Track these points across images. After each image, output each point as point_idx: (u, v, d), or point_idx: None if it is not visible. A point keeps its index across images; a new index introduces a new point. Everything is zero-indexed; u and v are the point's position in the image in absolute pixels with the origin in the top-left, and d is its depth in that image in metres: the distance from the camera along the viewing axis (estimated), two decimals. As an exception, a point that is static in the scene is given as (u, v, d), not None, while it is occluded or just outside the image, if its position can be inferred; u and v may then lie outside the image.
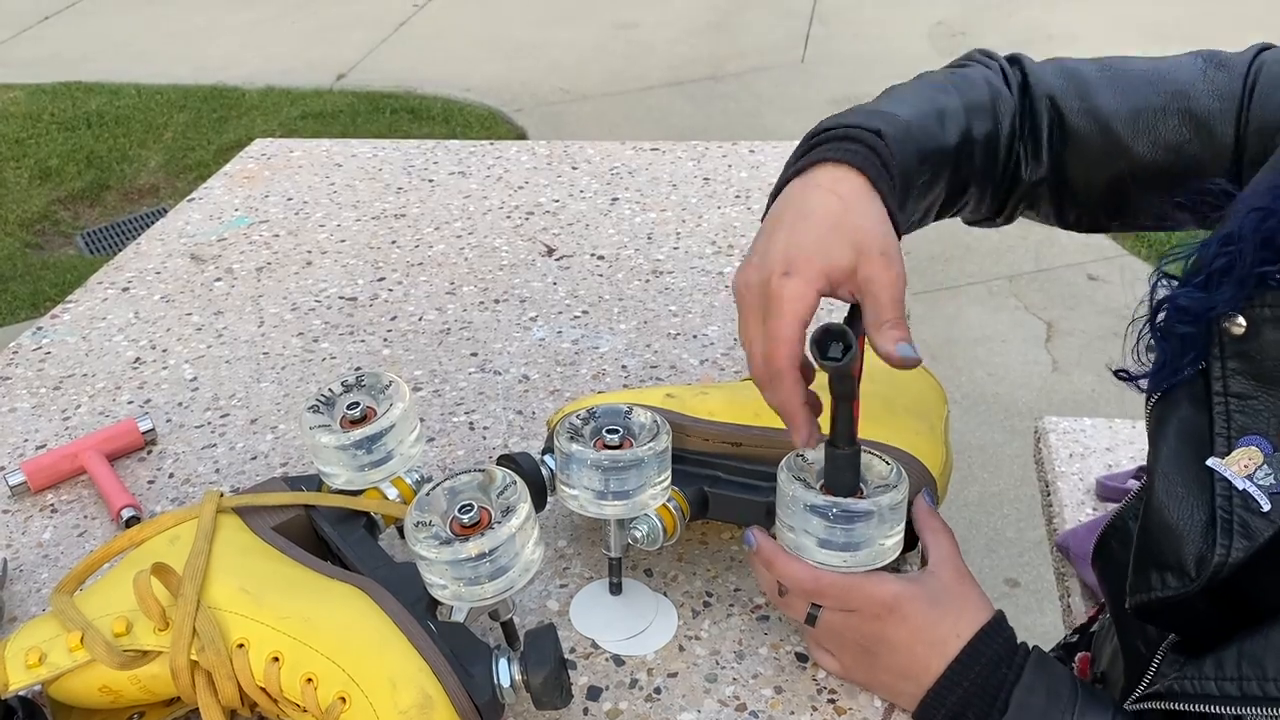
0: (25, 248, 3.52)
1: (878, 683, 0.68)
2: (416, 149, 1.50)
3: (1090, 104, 0.77)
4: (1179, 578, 0.59)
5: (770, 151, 1.42)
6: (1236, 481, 0.57)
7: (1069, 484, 1.41)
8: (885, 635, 0.66)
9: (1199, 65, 0.77)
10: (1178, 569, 0.59)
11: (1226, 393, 0.60)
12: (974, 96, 0.76)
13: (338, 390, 0.76)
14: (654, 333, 1.07)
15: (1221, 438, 0.59)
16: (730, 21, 5.06)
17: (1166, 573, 0.60)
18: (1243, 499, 0.57)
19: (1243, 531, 0.56)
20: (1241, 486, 0.57)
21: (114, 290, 1.20)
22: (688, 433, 0.77)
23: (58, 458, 0.91)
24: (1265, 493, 0.56)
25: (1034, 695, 0.62)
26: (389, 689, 0.60)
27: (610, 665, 0.72)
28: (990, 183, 0.79)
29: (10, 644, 0.65)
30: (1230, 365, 0.60)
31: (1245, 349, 0.59)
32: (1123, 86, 0.77)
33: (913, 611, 0.65)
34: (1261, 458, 0.57)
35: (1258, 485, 0.57)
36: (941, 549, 0.69)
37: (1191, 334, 0.62)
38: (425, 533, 0.64)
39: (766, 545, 0.69)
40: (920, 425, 0.78)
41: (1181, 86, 0.76)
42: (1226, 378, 0.60)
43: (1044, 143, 0.79)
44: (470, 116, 4.24)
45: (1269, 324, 0.58)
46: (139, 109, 4.40)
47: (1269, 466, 0.57)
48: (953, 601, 0.66)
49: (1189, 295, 0.62)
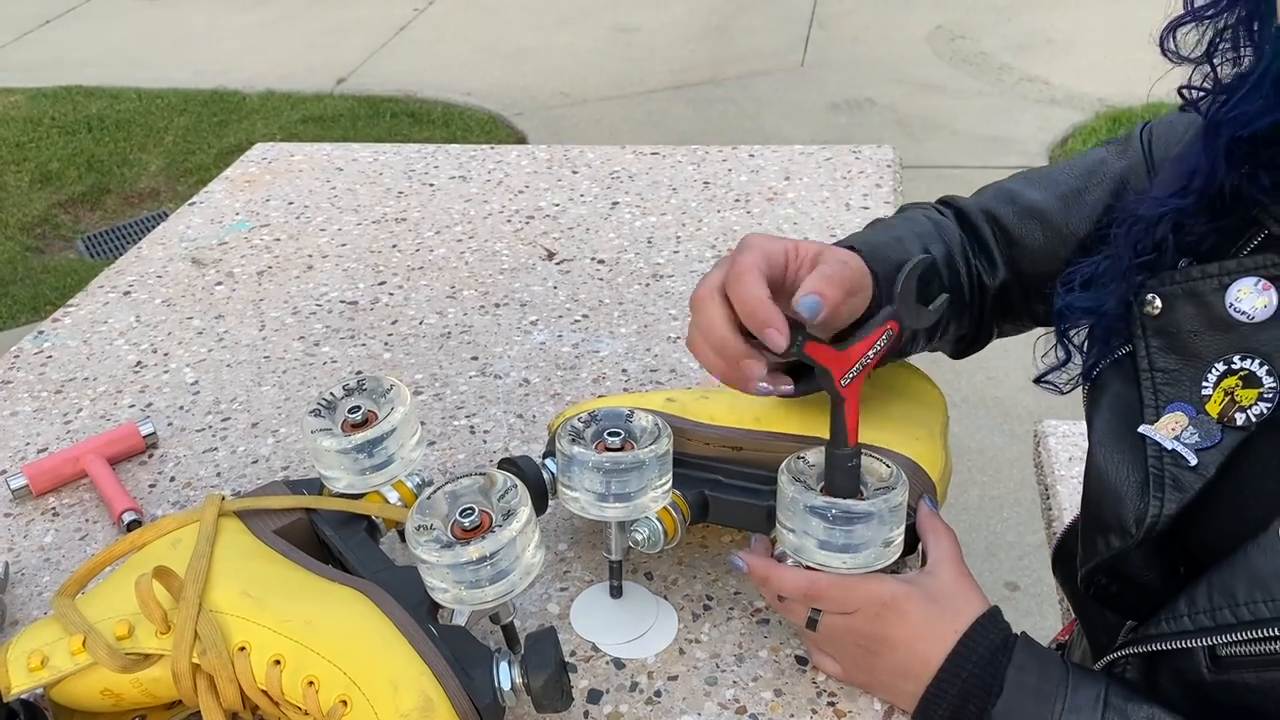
0: (26, 251, 3.52)
1: (879, 684, 0.69)
2: (417, 153, 1.50)
3: (1021, 205, 0.85)
4: (1121, 537, 0.65)
5: (770, 155, 1.42)
6: (1165, 443, 0.64)
7: (1068, 487, 1.41)
8: (885, 634, 0.66)
9: (1102, 149, 0.86)
10: (1119, 529, 0.65)
11: (1152, 368, 0.66)
12: (918, 228, 0.82)
13: (339, 394, 0.76)
14: (654, 336, 1.07)
15: (1150, 408, 0.65)
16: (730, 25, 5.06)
17: (1110, 535, 0.65)
18: (1172, 457, 0.63)
19: (1174, 485, 0.62)
20: (1170, 446, 0.63)
21: (115, 294, 1.20)
22: (688, 436, 0.77)
23: (59, 461, 0.91)
24: (1191, 449, 0.63)
25: (1026, 674, 0.64)
26: (390, 692, 0.60)
27: (610, 668, 0.72)
28: (960, 298, 0.82)
29: (12, 647, 0.65)
30: (1153, 343, 0.66)
31: (1163, 325, 0.66)
32: (1045, 183, 0.86)
33: (911, 609, 0.66)
34: (1186, 420, 0.63)
35: (1184, 444, 0.63)
36: (941, 549, 0.70)
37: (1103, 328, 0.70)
38: (426, 536, 0.64)
39: (757, 564, 0.70)
40: (920, 430, 0.78)
41: (1094, 164, 0.85)
42: (1150, 354, 0.66)
43: (994, 250, 0.84)
44: (470, 120, 4.24)
45: (1180, 300, 0.65)
46: (139, 113, 4.41)
47: (1194, 427, 0.63)
48: (951, 599, 0.67)
49: (1081, 298, 0.72)
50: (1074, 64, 4.36)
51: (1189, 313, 0.65)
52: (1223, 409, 0.62)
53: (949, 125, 3.93)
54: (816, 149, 1.43)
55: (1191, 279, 0.65)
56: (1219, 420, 0.62)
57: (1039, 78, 4.27)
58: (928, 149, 3.76)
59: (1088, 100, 4.04)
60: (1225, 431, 0.62)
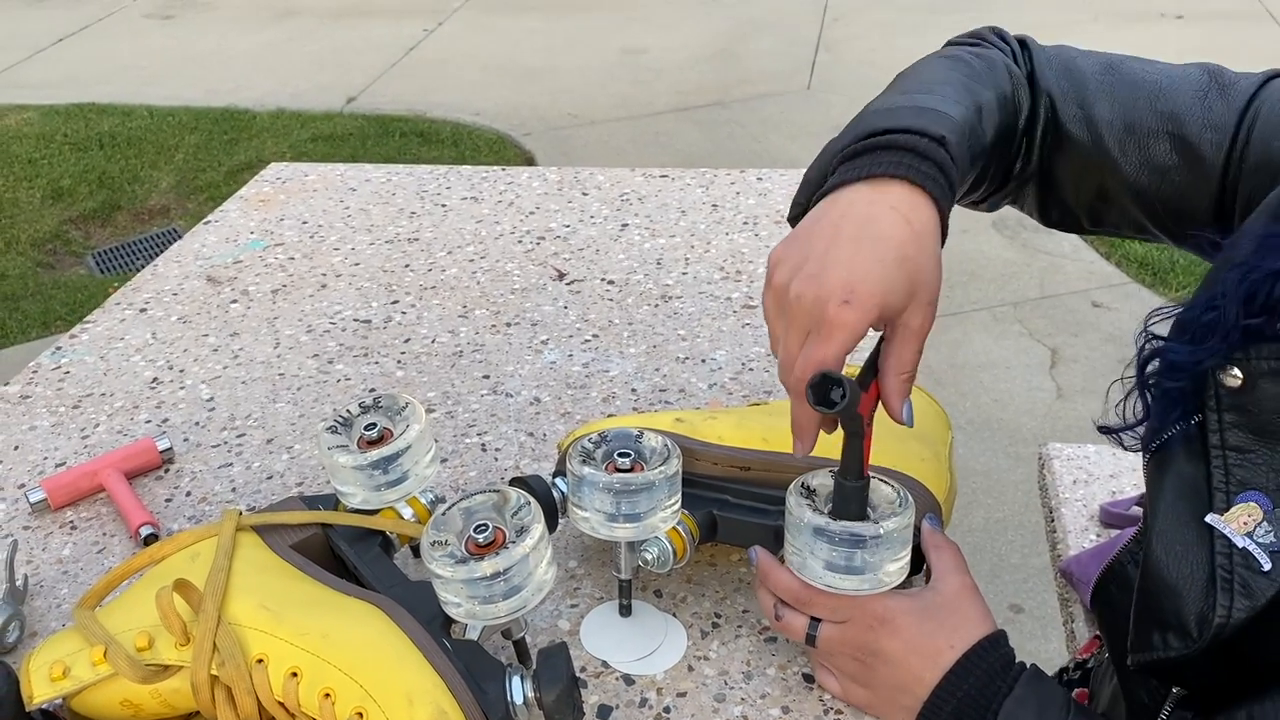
0: (37, 267, 3.55)
1: (877, 700, 0.69)
2: (429, 174, 1.52)
3: (1087, 112, 0.77)
4: (1181, 638, 0.58)
5: (777, 179, 1.44)
6: (1236, 539, 0.57)
7: (1073, 510, 1.41)
8: (879, 647, 0.66)
9: (1201, 86, 0.75)
10: (1179, 629, 0.59)
11: (1224, 446, 0.59)
12: (1002, 88, 0.75)
13: (355, 411, 0.77)
14: (663, 357, 1.09)
15: (1220, 492, 0.59)
16: (737, 49, 5.10)
17: (1169, 633, 0.59)
18: (1243, 557, 0.56)
19: (1244, 591, 0.56)
20: (1242, 544, 0.56)
21: (132, 311, 1.22)
22: (697, 457, 0.79)
23: (77, 476, 0.93)
24: (1265, 551, 0.56)
25: (1024, 708, 0.62)
26: (405, 704, 0.61)
27: (620, 684, 0.73)
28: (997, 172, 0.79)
29: (34, 657, 0.67)
30: (1227, 418, 0.59)
31: (1242, 402, 0.59)
32: (1121, 96, 0.77)
33: (905, 624, 0.66)
34: (1261, 514, 0.57)
35: (1258, 543, 0.56)
36: (943, 563, 0.70)
37: (1179, 389, 0.62)
38: (441, 551, 0.65)
39: (764, 560, 0.71)
40: (925, 451, 0.79)
41: (1178, 109, 0.75)
42: (1224, 431, 0.59)
43: (1037, 141, 0.78)
44: (479, 140, 4.27)
45: (1266, 377, 0.58)
46: (151, 130, 4.45)
47: (1269, 524, 0.56)
48: (948, 615, 0.66)
49: (1177, 350, 0.62)
50: (1079, 89, 4.39)
51: (1274, 392, 0.57)
52: None
53: (954, 148, 3.95)
54: (824, 173, 1.44)
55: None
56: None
57: (1044, 102, 4.29)
58: (933, 172, 3.78)
59: (1092, 125, 4.06)
60: None
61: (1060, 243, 3.31)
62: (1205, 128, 0.74)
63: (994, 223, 3.40)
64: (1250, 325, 0.58)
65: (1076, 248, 3.29)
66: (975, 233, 3.35)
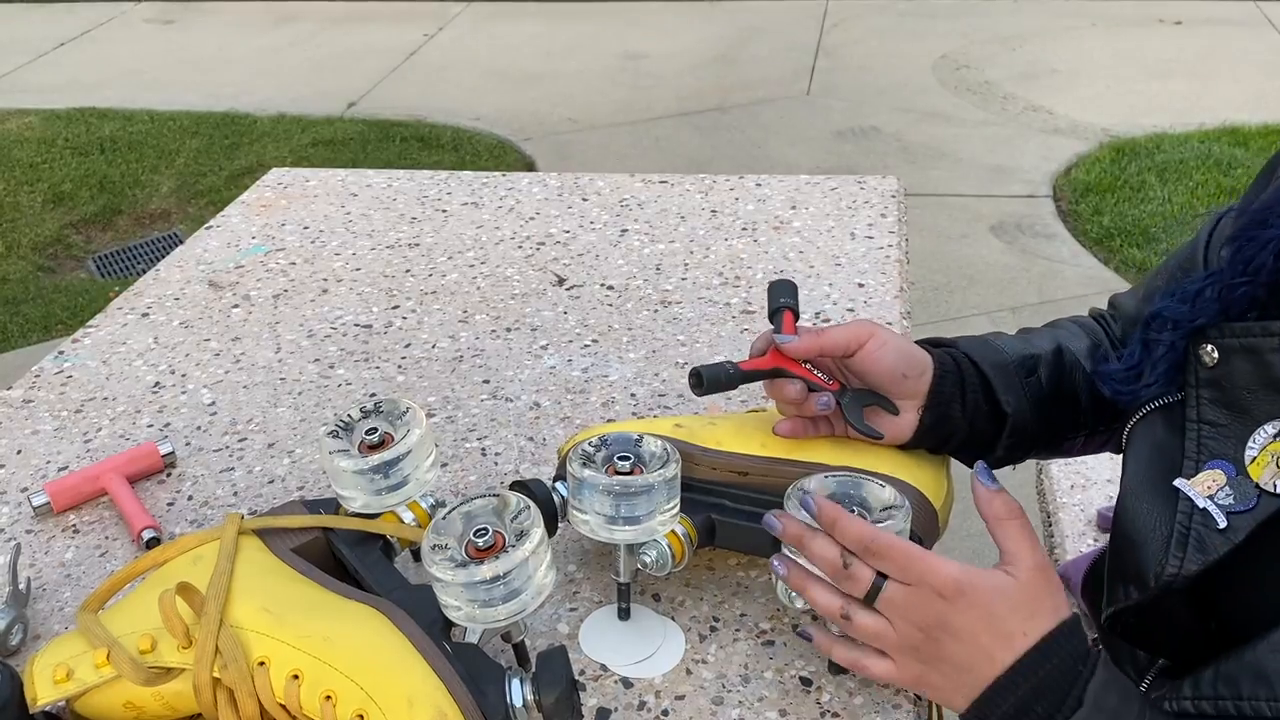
0: (38, 271, 3.56)
1: (932, 676, 0.64)
2: (430, 179, 1.53)
3: None
4: (1139, 588, 0.63)
5: (776, 185, 1.45)
6: (1198, 500, 0.61)
7: (1070, 515, 1.42)
8: (949, 620, 0.61)
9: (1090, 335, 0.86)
10: (1138, 580, 0.63)
11: (1200, 419, 0.64)
12: (1056, 330, 0.88)
13: (357, 416, 0.78)
14: (662, 362, 1.09)
15: (1190, 460, 0.63)
16: (737, 54, 5.11)
17: (1129, 585, 0.64)
18: (1203, 516, 0.61)
19: (1198, 546, 0.60)
20: (1202, 505, 0.61)
21: (134, 316, 1.23)
22: (696, 461, 0.79)
23: (80, 479, 0.93)
24: (1223, 511, 0.60)
25: (1109, 694, 0.59)
26: (406, 707, 0.62)
27: (619, 687, 0.73)
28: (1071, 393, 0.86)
29: (38, 660, 0.67)
30: (1204, 394, 0.64)
31: (1216, 377, 0.64)
32: None
33: (981, 600, 0.61)
34: (1225, 479, 0.61)
35: (1218, 504, 0.61)
36: (1014, 541, 0.64)
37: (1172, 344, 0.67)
38: (442, 555, 0.66)
39: (826, 506, 0.67)
40: (923, 458, 0.80)
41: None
42: (1200, 405, 0.64)
43: None
44: (479, 145, 4.28)
45: (1238, 354, 0.63)
46: (152, 135, 4.46)
47: (1231, 488, 0.61)
48: (1025, 598, 0.62)
49: (1176, 309, 0.67)
50: (1078, 94, 4.40)
51: (1245, 369, 0.62)
52: (1266, 473, 0.60)
53: (953, 154, 3.97)
54: (822, 179, 1.45)
55: (1252, 334, 0.62)
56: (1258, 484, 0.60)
57: (1043, 107, 4.31)
58: (931, 177, 3.79)
59: (1091, 130, 4.07)
60: (1262, 497, 0.59)
61: (1059, 248, 3.32)
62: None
63: (992, 228, 3.41)
64: (1237, 285, 0.64)
65: (1075, 253, 3.30)
66: (974, 238, 3.36)
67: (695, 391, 0.78)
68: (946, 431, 0.78)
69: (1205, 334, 0.65)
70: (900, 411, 0.77)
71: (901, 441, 0.78)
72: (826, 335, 0.77)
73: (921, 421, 0.77)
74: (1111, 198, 3.53)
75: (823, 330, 0.77)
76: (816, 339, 0.77)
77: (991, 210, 3.53)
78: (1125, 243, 3.29)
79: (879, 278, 1.20)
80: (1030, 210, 3.54)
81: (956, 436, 0.79)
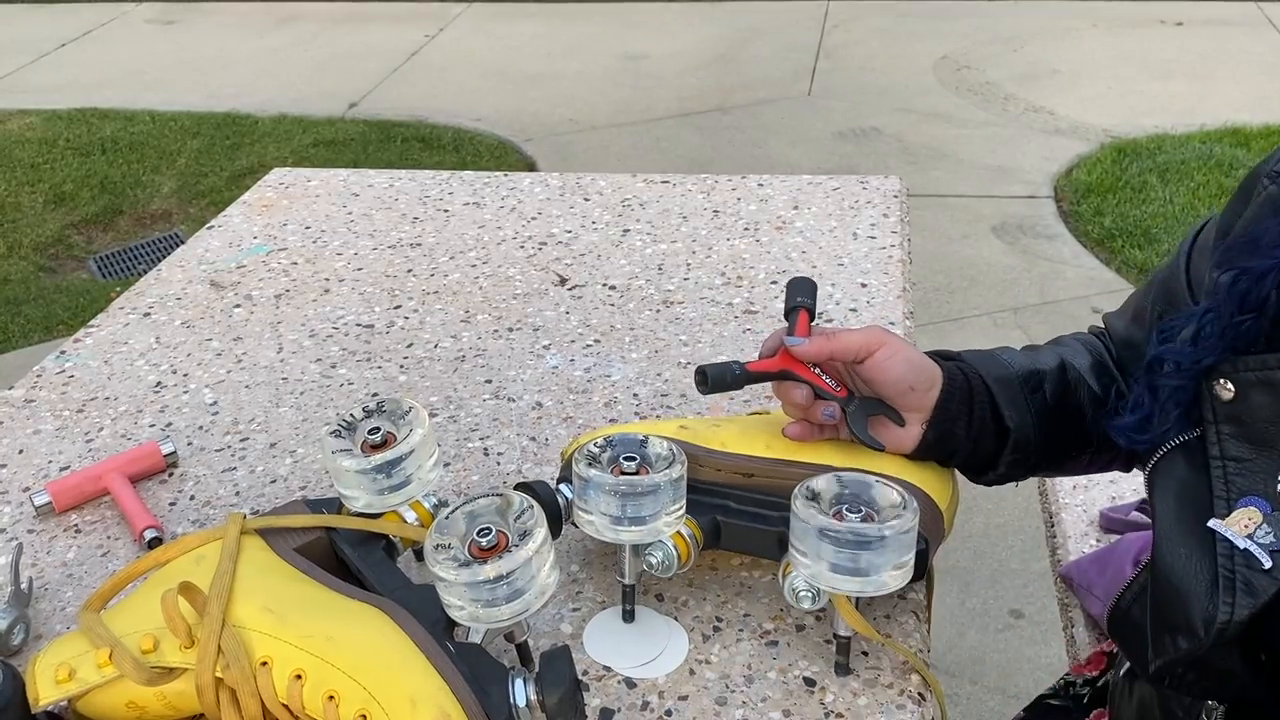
0: (39, 271, 3.56)
1: None
2: (432, 179, 1.53)
3: None
4: (1189, 639, 0.60)
5: (778, 185, 1.45)
6: (1238, 541, 0.59)
7: (1073, 515, 1.42)
8: None
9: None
10: (1187, 630, 0.60)
11: (1224, 456, 0.62)
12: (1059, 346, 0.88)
13: (359, 415, 0.78)
14: (665, 362, 1.09)
15: (1221, 500, 0.61)
16: (738, 55, 5.11)
17: (1178, 635, 0.61)
18: (1245, 557, 0.59)
19: (1246, 589, 0.58)
20: (1243, 545, 0.59)
21: (135, 315, 1.22)
22: (700, 463, 0.79)
23: (82, 479, 0.93)
24: (1265, 550, 0.58)
25: None
26: (409, 707, 0.61)
27: (622, 688, 0.73)
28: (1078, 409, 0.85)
29: (40, 659, 0.67)
30: (1224, 430, 0.62)
31: (1235, 412, 0.62)
32: None
33: None
34: (1261, 517, 0.59)
35: (1258, 544, 0.59)
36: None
37: (1179, 387, 0.65)
38: (445, 555, 0.65)
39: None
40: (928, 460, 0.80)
41: None
42: (1222, 442, 0.62)
43: None
44: (480, 146, 4.28)
45: (1255, 387, 0.61)
46: (153, 135, 4.45)
47: (1268, 525, 0.59)
48: None
49: (1179, 352, 0.66)
50: (1079, 94, 4.40)
51: (1264, 402, 0.61)
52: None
53: (954, 154, 3.97)
54: (824, 179, 1.45)
55: (1269, 367, 0.60)
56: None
57: (1044, 108, 4.31)
58: (932, 177, 3.79)
59: (1092, 131, 4.07)
60: None
61: (1060, 249, 3.32)
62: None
63: (994, 229, 3.41)
64: (1242, 322, 0.62)
65: (1076, 254, 3.30)
66: (975, 239, 3.36)
67: (700, 390, 0.78)
68: (949, 449, 0.78)
69: (1217, 369, 0.63)
70: (905, 424, 0.77)
71: (903, 454, 0.78)
72: (837, 340, 0.76)
73: (925, 436, 0.77)
74: (1113, 198, 3.53)
75: (834, 334, 0.76)
76: (827, 343, 0.76)
77: (993, 211, 3.53)
78: (1127, 243, 3.29)
79: (882, 278, 1.20)
80: (1031, 211, 3.53)
81: (959, 454, 0.79)
